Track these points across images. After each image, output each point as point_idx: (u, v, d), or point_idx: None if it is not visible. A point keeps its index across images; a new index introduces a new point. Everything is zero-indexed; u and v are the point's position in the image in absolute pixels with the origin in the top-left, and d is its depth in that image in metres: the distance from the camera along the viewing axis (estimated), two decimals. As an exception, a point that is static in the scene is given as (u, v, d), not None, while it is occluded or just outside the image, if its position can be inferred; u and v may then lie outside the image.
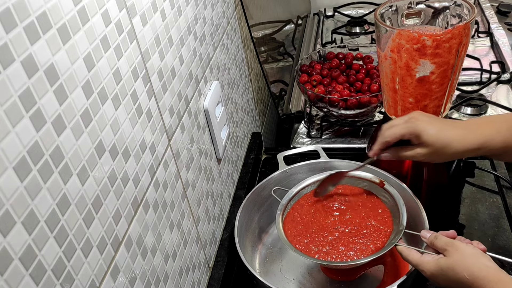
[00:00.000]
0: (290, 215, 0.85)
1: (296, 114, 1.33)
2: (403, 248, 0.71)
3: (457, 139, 0.70)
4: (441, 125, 0.72)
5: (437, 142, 0.70)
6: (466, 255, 0.64)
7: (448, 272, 0.64)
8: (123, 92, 0.57)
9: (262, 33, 1.24)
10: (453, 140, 0.70)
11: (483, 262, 0.62)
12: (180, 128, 0.75)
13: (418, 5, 0.84)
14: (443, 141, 0.70)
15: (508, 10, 1.65)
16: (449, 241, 0.66)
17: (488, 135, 0.69)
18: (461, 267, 0.63)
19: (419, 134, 0.71)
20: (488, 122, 0.72)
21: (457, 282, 0.63)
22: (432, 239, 0.69)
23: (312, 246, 0.79)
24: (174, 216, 0.73)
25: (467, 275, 0.61)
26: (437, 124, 0.72)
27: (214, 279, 0.87)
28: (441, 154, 0.71)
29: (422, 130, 0.71)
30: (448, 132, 0.71)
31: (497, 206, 0.99)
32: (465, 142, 0.70)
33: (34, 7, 0.42)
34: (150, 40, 0.65)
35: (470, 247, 0.65)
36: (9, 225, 0.39)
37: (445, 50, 0.75)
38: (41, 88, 0.43)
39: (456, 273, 0.63)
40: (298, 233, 0.82)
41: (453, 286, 0.65)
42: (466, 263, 0.63)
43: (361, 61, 1.29)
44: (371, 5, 1.81)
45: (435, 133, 0.70)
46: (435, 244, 0.68)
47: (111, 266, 0.55)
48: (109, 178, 0.54)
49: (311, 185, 0.88)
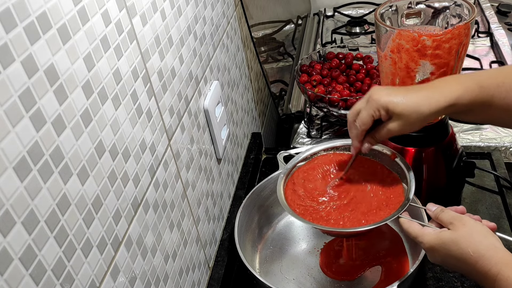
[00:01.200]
0: (292, 180, 0.82)
1: (296, 114, 1.33)
2: (404, 220, 0.68)
3: (425, 101, 0.66)
4: (404, 92, 0.69)
5: (405, 110, 0.67)
6: (474, 231, 0.60)
7: (451, 246, 0.60)
8: (123, 92, 0.57)
9: (262, 33, 1.24)
10: (421, 104, 0.66)
11: (491, 241, 0.59)
12: (180, 128, 0.75)
13: (418, 5, 0.84)
14: (411, 107, 0.66)
15: (508, 10, 1.65)
16: (456, 215, 0.63)
17: (456, 94, 0.66)
18: (466, 243, 0.59)
19: (385, 107, 0.67)
20: (454, 81, 0.68)
21: (458, 259, 0.60)
22: (438, 211, 0.65)
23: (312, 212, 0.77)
24: (174, 216, 0.73)
25: (472, 251, 0.58)
26: (400, 93, 0.68)
27: (214, 279, 0.87)
28: (413, 121, 0.68)
29: (388, 102, 0.67)
30: (414, 96, 0.67)
31: (497, 206, 0.99)
32: (433, 103, 0.66)
33: (34, 7, 0.42)
34: (150, 40, 0.65)
35: (479, 224, 0.61)
36: (9, 225, 0.39)
37: (445, 51, 0.75)
38: (41, 88, 0.43)
39: (460, 248, 0.59)
40: (299, 198, 0.79)
41: (451, 262, 0.61)
42: (473, 240, 0.59)
43: (361, 61, 1.29)
44: (371, 5, 1.81)
45: (401, 100, 0.67)
46: (440, 217, 0.64)
47: (111, 266, 0.55)
48: (109, 178, 0.54)
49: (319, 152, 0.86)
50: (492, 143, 1.14)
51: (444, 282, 0.86)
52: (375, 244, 0.91)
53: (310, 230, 0.97)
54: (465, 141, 1.16)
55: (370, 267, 0.86)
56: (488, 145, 1.14)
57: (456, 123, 1.22)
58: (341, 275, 0.86)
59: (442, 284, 0.86)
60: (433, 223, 0.66)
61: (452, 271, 0.68)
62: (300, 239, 0.95)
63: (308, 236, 0.96)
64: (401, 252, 0.88)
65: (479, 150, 1.14)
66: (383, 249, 0.89)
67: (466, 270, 0.60)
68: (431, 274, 0.87)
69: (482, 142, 1.15)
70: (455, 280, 0.86)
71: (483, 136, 1.17)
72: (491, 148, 1.13)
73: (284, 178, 0.82)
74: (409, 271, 0.74)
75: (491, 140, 1.15)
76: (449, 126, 0.88)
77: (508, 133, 1.17)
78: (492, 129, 1.19)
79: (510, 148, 1.14)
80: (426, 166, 0.90)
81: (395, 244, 0.90)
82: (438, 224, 0.65)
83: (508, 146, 1.14)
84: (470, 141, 1.16)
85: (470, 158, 1.07)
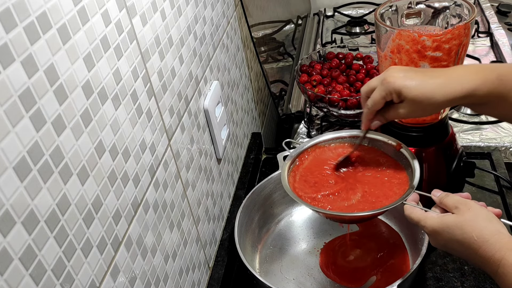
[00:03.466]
0: (297, 167, 0.81)
1: (296, 114, 1.33)
2: (407, 205, 0.67)
3: (440, 90, 0.64)
4: (421, 77, 0.66)
5: (419, 96, 0.65)
6: (479, 215, 0.59)
7: (455, 230, 0.59)
8: (123, 92, 0.57)
9: (262, 33, 1.24)
10: (436, 91, 0.64)
11: (496, 227, 0.58)
12: (180, 128, 0.75)
13: (418, 5, 0.84)
14: (425, 93, 0.65)
15: (508, 10, 1.65)
16: (461, 199, 0.62)
17: (474, 84, 0.64)
18: (470, 227, 0.58)
19: (399, 91, 0.66)
20: (473, 71, 0.66)
21: (461, 243, 0.59)
22: (443, 196, 0.64)
23: (316, 197, 0.76)
24: (174, 216, 0.73)
25: (476, 236, 0.57)
26: (416, 77, 0.66)
27: (214, 279, 0.87)
28: (425, 107, 0.66)
29: (402, 87, 0.65)
30: (429, 83, 0.65)
31: (497, 206, 0.98)
32: (449, 92, 0.64)
33: (34, 7, 0.42)
34: (150, 40, 0.65)
35: (484, 209, 0.60)
36: (9, 225, 0.39)
37: (445, 52, 0.75)
38: (41, 88, 0.43)
39: (464, 233, 0.58)
40: (303, 185, 0.78)
41: (453, 247, 0.60)
42: (477, 224, 0.58)
43: (361, 61, 1.29)
44: (371, 5, 1.82)
45: (415, 86, 0.65)
46: (445, 201, 0.63)
47: (111, 266, 0.55)
48: (109, 178, 0.54)
49: (324, 141, 0.84)
50: (492, 143, 1.14)
51: (444, 282, 0.86)
52: (375, 244, 0.91)
53: (310, 230, 0.97)
54: (465, 141, 1.16)
55: (371, 275, 0.85)
56: (488, 145, 1.14)
57: (456, 123, 1.22)
58: (343, 281, 0.85)
59: (442, 284, 0.86)
60: (436, 209, 0.65)
61: (454, 255, 0.68)
62: (300, 239, 0.95)
63: (308, 236, 0.96)
64: (401, 252, 0.88)
65: (479, 150, 1.14)
66: (383, 249, 0.89)
67: (468, 254, 0.59)
68: (431, 274, 0.87)
69: (482, 142, 1.15)
70: (455, 280, 0.86)
71: (483, 136, 1.17)
72: (491, 148, 1.13)
73: (289, 165, 0.80)
74: (409, 271, 0.74)
75: (491, 140, 1.16)
76: (449, 126, 0.88)
77: (508, 133, 1.17)
78: (492, 129, 1.19)
79: (510, 148, 1.14)
80: (426, 166, 0.90)
81: (395, 243, 0.90)
82: (441, 209, 0.64)
83: (508, 146, 1.14)
84: (470, 141, 1.16)
85: (470, 158, 1.07)
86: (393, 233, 0.92)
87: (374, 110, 0.71)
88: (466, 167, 0.90)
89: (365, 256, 0.89)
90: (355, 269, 0.87)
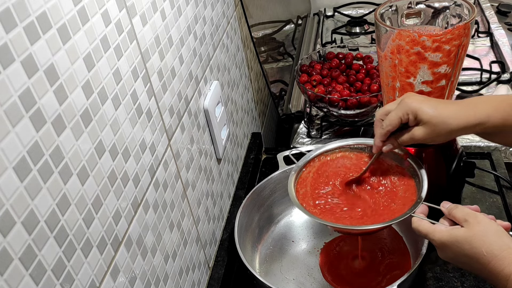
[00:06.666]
0: (303, 178, 0.81)
1: (296, 114, 1.33)
2: (415, 217, 0.67)
3: (454, 116, 0.67)
4: (436, 103, 0.69)
5: (433, 118, 0.67)
6: (488, 230, 0.59)
7: (464, 245, 0.59)
8: (123, 92, 0.57)
9: (262, 33, 1.24)
10: (450, 116, 0.67)
11: (505, 242, 0.58)
12: (180, 128, 0.75)
13: (418, 5, 0.84)
14: (440, 117, 0.67)
15: (508, 10, 1.65)
16: (471, 212, 0.62)
17: (486, 112, 0.66)
18: (480, 242, 0.58)
19: (415, 112, 0.68)
20: (485, 100, 0.69)
21: (470, 257, 0.59)
22: (452, 207, 0.64)
23: (323, 210, 0.76)
24: (174, 216, 0.73)
25: (485, 251, 0.57)
26: (432, 102, 0.69)
27: (214, 279, 0.87)
28: (440, 132, 0.68)
29: (418, 108, 0.68)
30: (445, 108, 0.68)
31: (497, 206, 0.99)
32: (462, 118, 0.66)
33: (34, 7, 0.42)
34: (150, 40, 0.65)
35: (493, 223, 0.60)
36: (9, 225, 0.39)
37: (445, 54, 0.75)
38: (41, 88, 0.43)
39: (473, 248, 0.58)
40: (309, 194, 0.78)
41: (462, 260, 0.60)
42: (487, 239, 0.58)
43: (361, 61, 1.29)
44: (371, 5, 1.81)
45: (431, 110, 0.67)
46: (453, 213, 0.63)
47: (111, 266, 0.55)
48: (109, 178, 0.54)
49: (329, 151, 0.84)
50: (492, 143, 1.14)
51: (444, 282, 0.86)
52: (375, 244, 0.91)
53: (310, 230, 0.97)
54: (465, 141, 1.16)
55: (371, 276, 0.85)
56: (488, 145, 1.14)
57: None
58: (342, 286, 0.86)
59: (442, 284, 0.86)
60: (445, 221, 0.65)
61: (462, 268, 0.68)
62: (300, 239, 0.95)
63: (308, 236, 0.96)
64: (401, 252, 0.88)
65: (479, 150, 1.14)
66: (383, 249, 0.89)
67: (477, 269, 0.59)
68: (431, 274, 0.87)
69: (482, 142, 1.15)
70: (455, 280, 0.86)
71: (483, 136, 1.17)
72: (491, 148, 1.13)
73: (295, 176, 0.80)
74: (409, 271, 0.74)
75: (491, 140, 1.15)
76: (449, 126, 0.88)
77: (508, 133, 1.16)
78: (492, 129, 1.19)
79: (510, 148, 1.14)
80: (426, 166, 0.90)
81: (395, 243, 0.90)
82: (450, 222, 0.64)
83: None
84: (470, 141, 1.16)
85: (470, 158, 1.07)
86: (394, 233, 0.92)
87: (389, 131, 0.72)
88: (466, 167, 0.90)
89: (366, 257, 0.89)
90: (355, 271, 0.87)
